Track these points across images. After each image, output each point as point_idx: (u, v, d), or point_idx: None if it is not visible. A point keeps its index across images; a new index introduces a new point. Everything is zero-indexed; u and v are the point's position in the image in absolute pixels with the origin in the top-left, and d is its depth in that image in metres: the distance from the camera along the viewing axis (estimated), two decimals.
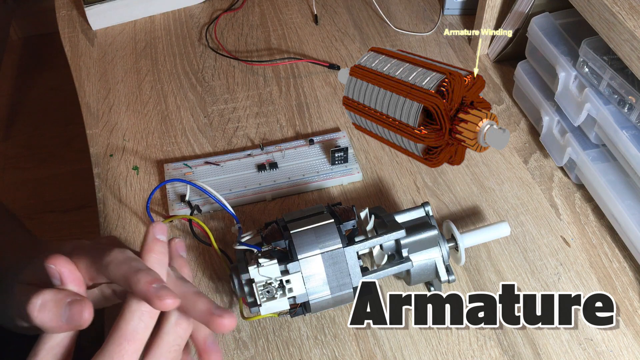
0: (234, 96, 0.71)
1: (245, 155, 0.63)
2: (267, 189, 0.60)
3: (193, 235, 0.55)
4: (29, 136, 1.75)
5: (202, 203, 0.58)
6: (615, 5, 0.51)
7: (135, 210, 0.59)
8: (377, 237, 0.47)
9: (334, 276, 0.45)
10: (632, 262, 0.55)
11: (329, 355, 0.49)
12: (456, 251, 0.50)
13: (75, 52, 0.78)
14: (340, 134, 0.65)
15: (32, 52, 2.01)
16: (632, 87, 0.52)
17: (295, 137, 0.66)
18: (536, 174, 0.63)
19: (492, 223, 0.52)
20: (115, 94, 0.72)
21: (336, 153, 0.61)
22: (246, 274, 0.45)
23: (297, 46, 0.78)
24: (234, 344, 0.50)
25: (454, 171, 0.62)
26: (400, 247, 0.48)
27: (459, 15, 0.82)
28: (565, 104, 0.60)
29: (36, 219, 1.48)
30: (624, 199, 0.54)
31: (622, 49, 0.50)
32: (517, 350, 0.49)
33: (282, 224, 0.47)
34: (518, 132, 0.67)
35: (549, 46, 0.61)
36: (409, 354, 0.49)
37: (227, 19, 0.82)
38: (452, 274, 0.49)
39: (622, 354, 0.49)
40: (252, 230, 0.50)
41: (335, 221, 0.46)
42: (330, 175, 0.61)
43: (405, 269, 0.48)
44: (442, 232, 0.52)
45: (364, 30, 0.80)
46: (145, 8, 0.82)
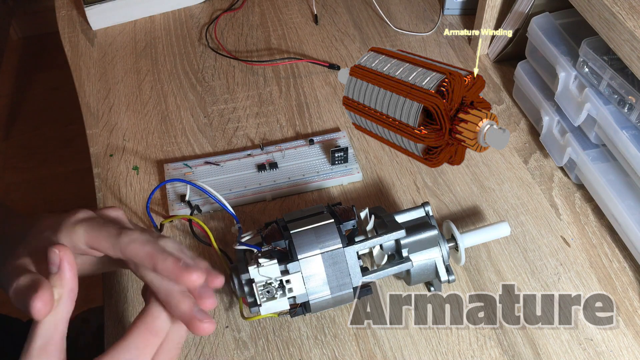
0: (234, 96, 0.71)
1: (245, 155, 0.63)
2: (267, 189, 0.60)
3: (193, 235, 0.55)
4: (29, 136, 1.75)
5: (202, 203, 0.58)
6: (615, 5, 0.51)
7: (135, 210, 0.59)
8: (377, 237, 0.47)
9: (334, 276, 0.45)
10: (632, 262, 0.55)
11: (329, 355, 0.49)
12: (456, 251, 0.50)
13: (75, 52, 0.78)
14: (340, 134, 0.65)
15: (32, 52, 2.01)
16: (632, 87, 0.52)
17: (295, 137, 0.66)
18: (536, 174, 0.63)
19: (492, 223, 0.52)
20: (115, 94, 0.72)
21: (336, 153, 0.61)
22: (246, 274, 0.45)
23: (297, 46, 0.78)
24: (234, 344, 0.50)
25: (454, 171, 0.62)
26: (400, 247, 0.48)
27: (459, 15, 0.82)
28: (565, 104, 0.60)
29: None
30: (624, 199, 0.54)
31: (622, 49, 0.50)
32: (517, 350, 0.49)
33: (282, 224, 0.47)
34: (518, 132, 0.67)
35: (549, 46, 0.61)
36: (409, 354, 0.49)
37: (227, 19, 0.82)
38: (452, 274, 0.49)
39: (622, 354, 0.49)
40: (252, 230, 0.50)
41: (335, 221, 0.46)
42: (330, 175, 0.61)
43: (405, 269, 0.48)
44: (442, 232, 0.52)
45: (364, 30, 0.80)
46: (145, 8, 0.82)
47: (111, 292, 0.53)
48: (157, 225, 0.56)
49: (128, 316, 0.52)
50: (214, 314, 0.52)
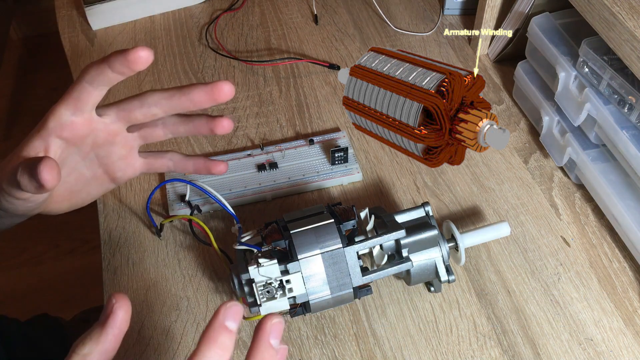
0: (234, 96, 0.71)
1: (245, 155, 0.63)
2: (267, 189, 0.60)
3: (193, 235, 0.55)
4: None
5: (202, 203, 0.58)
6: (615, 5, 0.51)
7: (135, 210, 0.59)
8: (377, 237, 0.47)
9: (334, 276, 0.45)
10: (632, 262, 0.55)
11: (329, 355, 0.49)
12: (456, 251, 0.50)
13: (75, 52, 0.78)
14: (340, 133, 0.65)
15: (32, 52, 2.01)
16: (632, 87, 0.52)
17: (296, 137, 0.66)
18: (536, 174, 0.63)
19: (492, 223, 0.52)
20: (115, 94, 0.72)
21: (336, 153, 0.61)
22: (246, 274, 0.45)
23: (297, 46, 0.78)
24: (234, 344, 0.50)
25: (454, 171, 0.62)
26: (400, 247, 0.48)
27: (459, 15, 0.82)
28: (565, 104, 0.60)
29: (35, 218, 1.48)
30: (624, 199, 0.54)
31: (622, 49, 0.50)
32: (517, 350, 0.49)
33: (282, 224, 0.47)
34: (518, 132, 0.67)
35: (549, 46, 0.61)
36: (409, 354, 0.49)
37: (227, 19, 0.82)
38: (452, 274, 0.49)
39: (622, 354, 0.49)
40: (252, 230, 0.50)
41: (335, 221, 0.46)
42: (330, 175, 0.61)
43: (405, 269, 0.48)
44: (442, 232, 0.52)
45: (364, 30, 0.80)
46: (145, 8, 0.82)
47: (111, 292, 0.53)
48: (157, 225, 0.56)
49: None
50: None
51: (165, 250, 0.56)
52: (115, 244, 0.57)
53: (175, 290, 0.53)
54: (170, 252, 0.56)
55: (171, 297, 0.53)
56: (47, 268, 1.44)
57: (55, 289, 1.39)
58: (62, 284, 1.40)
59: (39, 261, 1.45)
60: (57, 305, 1.36)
